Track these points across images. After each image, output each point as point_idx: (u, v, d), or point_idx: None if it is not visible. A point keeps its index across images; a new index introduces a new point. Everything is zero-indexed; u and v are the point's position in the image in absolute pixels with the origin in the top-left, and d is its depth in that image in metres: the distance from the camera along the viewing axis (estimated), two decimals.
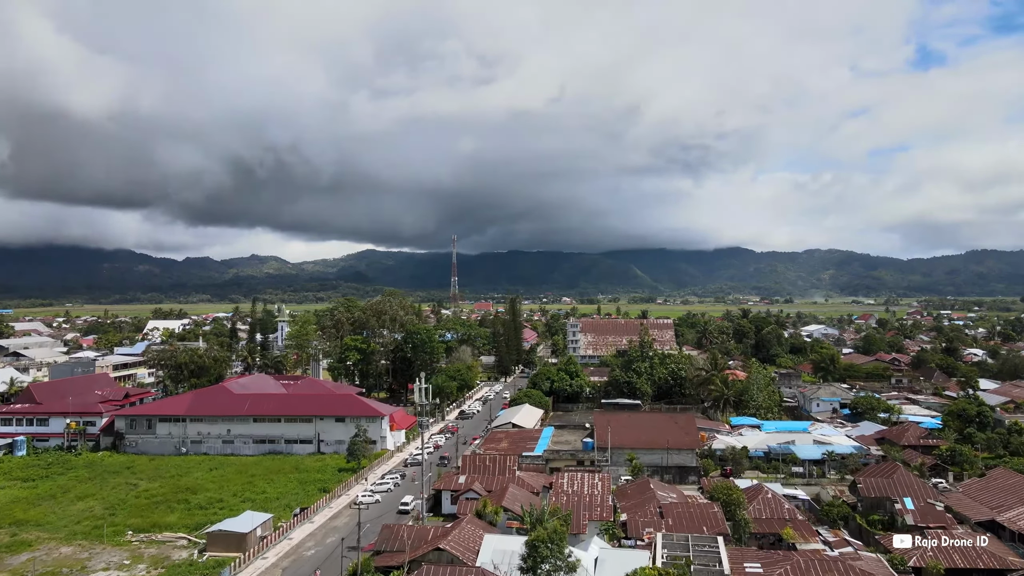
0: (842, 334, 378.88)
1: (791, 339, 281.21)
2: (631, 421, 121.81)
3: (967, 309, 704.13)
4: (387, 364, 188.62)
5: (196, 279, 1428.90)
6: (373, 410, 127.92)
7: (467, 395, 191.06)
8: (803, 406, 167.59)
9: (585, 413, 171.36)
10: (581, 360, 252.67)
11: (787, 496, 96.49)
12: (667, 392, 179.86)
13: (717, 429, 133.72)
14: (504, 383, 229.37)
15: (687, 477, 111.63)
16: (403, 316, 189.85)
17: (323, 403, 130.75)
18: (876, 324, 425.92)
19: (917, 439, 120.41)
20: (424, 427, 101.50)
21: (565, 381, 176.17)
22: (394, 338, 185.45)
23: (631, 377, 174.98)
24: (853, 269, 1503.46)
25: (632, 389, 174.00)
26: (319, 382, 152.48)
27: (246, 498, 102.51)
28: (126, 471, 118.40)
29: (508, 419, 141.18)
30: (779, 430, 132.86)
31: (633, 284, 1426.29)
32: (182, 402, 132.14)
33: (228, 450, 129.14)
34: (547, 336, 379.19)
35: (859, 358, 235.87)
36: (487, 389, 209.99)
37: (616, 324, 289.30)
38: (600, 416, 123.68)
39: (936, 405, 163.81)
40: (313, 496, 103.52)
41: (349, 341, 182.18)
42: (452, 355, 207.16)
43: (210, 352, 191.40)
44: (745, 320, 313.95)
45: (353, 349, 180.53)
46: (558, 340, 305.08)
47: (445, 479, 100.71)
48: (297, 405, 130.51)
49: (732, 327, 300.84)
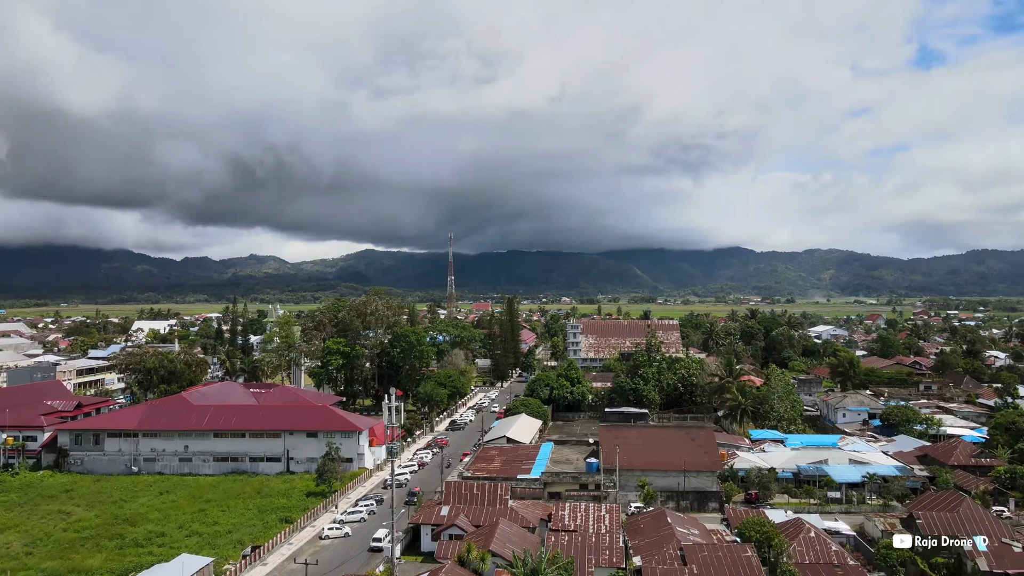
0: (852, 335, 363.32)
1: (802, 341, 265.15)
2: (642, 438, 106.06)
3: (972, 309, 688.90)
4: (373, 369, 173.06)
5: (194, 279, 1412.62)
6: (348, 424, 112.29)
7: (459, 403, 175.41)
8: (826, 416, 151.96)
9: (587, 423, 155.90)
10: (582, 364, 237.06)
11: (828, 531, 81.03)
12: (676, 400, 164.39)
13: (736, 445, 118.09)
14: (500, 388, 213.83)
15: (707, 504, 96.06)
16: (390, 317, 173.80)
17: (292, 416, 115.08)
18: (885, 325, 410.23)
19: (968, 458, 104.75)
20: (394, 454, 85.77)
21: (565, 388, 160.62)
22: (380, 341, 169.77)
23: (637, 384, 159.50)
24: (854, 269, 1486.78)
25: (638, 397, 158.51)
26: (294, 391, 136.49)
27: (193, 532, 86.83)
28: (64, 495, 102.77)
29: (503, 432, 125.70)
30: (806, 445, 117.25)
31: (633, 284, 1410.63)
32: (133, 415, 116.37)
33: (185, 469, 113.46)
34: (546, 337, 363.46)
35: (878, 362, 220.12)
36: (481, 396, 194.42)
37: (618, 325, 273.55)
38: (606, 432, 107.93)
39: (972, 415, 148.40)
40: (272, 528, 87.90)
41: (331, 344, 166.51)
42: (444, 359, 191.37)
43: (182, 356, 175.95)
44: (753, 321, 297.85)
45: (336, 353, 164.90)
46: (557, 342, 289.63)
47: (425, 511, 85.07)
48: (263, 418, 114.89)
49: (739, 328, 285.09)
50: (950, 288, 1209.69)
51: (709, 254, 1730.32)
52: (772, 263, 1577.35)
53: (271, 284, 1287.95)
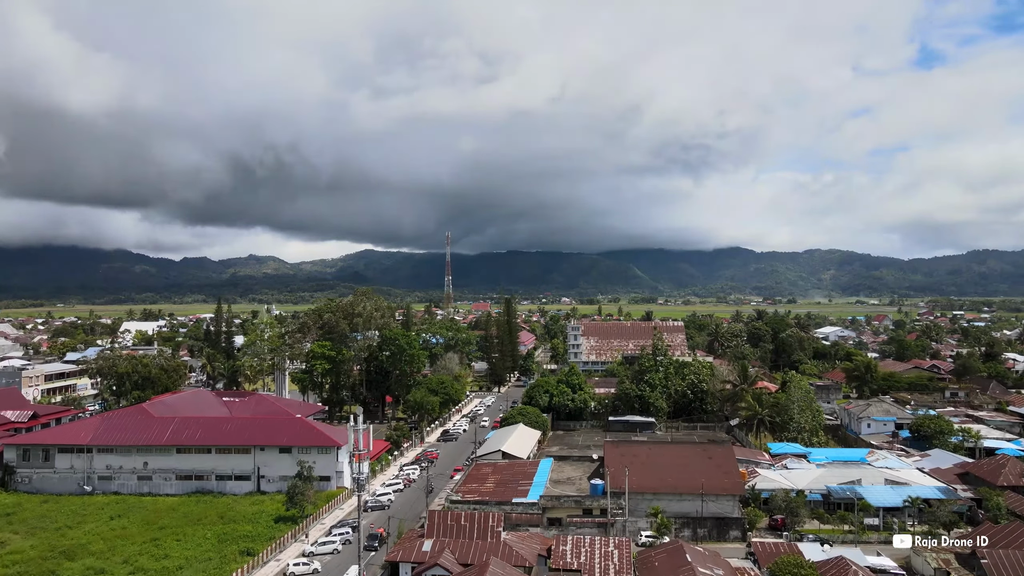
0: (860, 336, 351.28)
1: (812, 343, 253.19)
2: (653, 456, 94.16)
3: (976, 310, 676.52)
4: (361, 374, 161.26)
5: (193, 279, 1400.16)
6: (325, 438, 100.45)
7: (453, 410, 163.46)
8: (848, 426, 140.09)
9: (590, 433, 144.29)
10: (583, 367, 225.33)
11: (873, 569, 69.26)
12: (685, 408, 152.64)
13: (755, 460, 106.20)
14: (497, 393, 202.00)
15: (727, 532, 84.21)
16: (379, 319, 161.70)
17: (264, 429, 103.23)
18: (893, 326, 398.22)
19: (1019, 477, 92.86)
20: (361, 486, 73.70)
21: (566, 395, 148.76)
22: (369, 344, 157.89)
23: (643, 390, 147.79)
24: (854, 269, 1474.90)
25: (645, 404, 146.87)
26: (271, 400, 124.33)
27: (138, 568, 74.98)
28: (3, 519, 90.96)
29: (498, 444, 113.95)
30: (832, 461, 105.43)
31: (633, 284, 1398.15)
32: (87, 428, 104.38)
33: (144, 488, 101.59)
34: (546, 339, 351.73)
35: (894, 365, 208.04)
36: (477, 402, 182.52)
37: (621, 327, 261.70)
38: (613, 449, 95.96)
39: (1005, 425, 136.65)
40: (230, 563, 76.10)
41: (316, 348, 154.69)
42: (437, 363, 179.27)
43: (158, 360, 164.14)
44: (760, 322, 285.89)
45: (320, 358, 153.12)
46: (557, 344, 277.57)
47: (405, 545, 73.23)
48: (232, 432, 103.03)
49: (746, 330, 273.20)
50: (951, 288, 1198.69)
51: (709, 254, 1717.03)
52: (772, 263, 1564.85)
53: (270, 284, 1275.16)
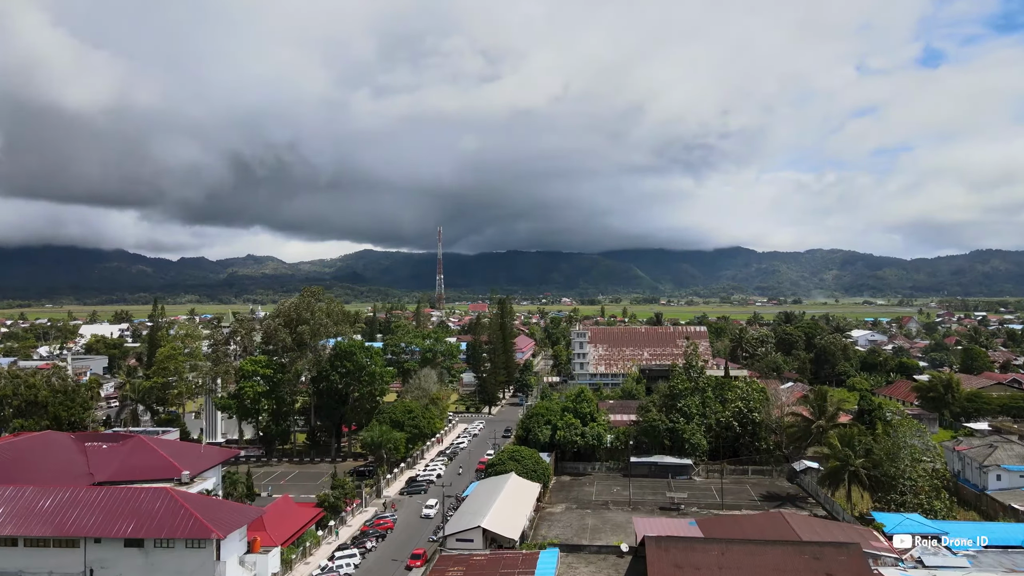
0: (892, 340, 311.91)
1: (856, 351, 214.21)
2: (729, 566, 55.08)
3: (991, 310, 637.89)
4: (309, 397, 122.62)
5: (190, 279, 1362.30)
6: (197, 525, 61.39)
7: (427, 446, 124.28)
8: (960, 475, 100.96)
9: (606, 480, 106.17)
10: (591, 381, 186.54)
11: None
12: (730, 444, 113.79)
13: (873, 551, 67.14)
14: (488, 416, 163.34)
15: None
16: (331, 326, 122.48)
17: (102, 509, 64.40)
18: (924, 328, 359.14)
19: None
20: None
21: (574, 429, 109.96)
22: (319, 359, 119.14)
23: (676, 421, 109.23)
24: (856, 269, 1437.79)
25: (678, 440, 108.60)
26: (151, 446, 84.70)
27: None
28: None
29: (478, 513, 75.36)
30: (992, 547, 66.72)
31: (633, 284, 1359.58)
32: None
33: None
34: (546, 344, 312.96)
35: (969, 380, 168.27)
36: (462, 429, 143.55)
37: (633, 333, 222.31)
38: (660, 555, 56.81)
39: None
40: None
41: (247, 365, 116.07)
42: (410, 382, 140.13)
43: (50, 380, 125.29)
44: (790, 326, 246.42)
45: (254, 378, 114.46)
46: (560, 351, 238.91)
47: None
48: (51, 513, 64.15)
49: (774, 335, 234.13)
50: (956, 288, 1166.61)
51: (710, 254, 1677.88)
52: (773, 263, 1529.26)
53: (266, 284, 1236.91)
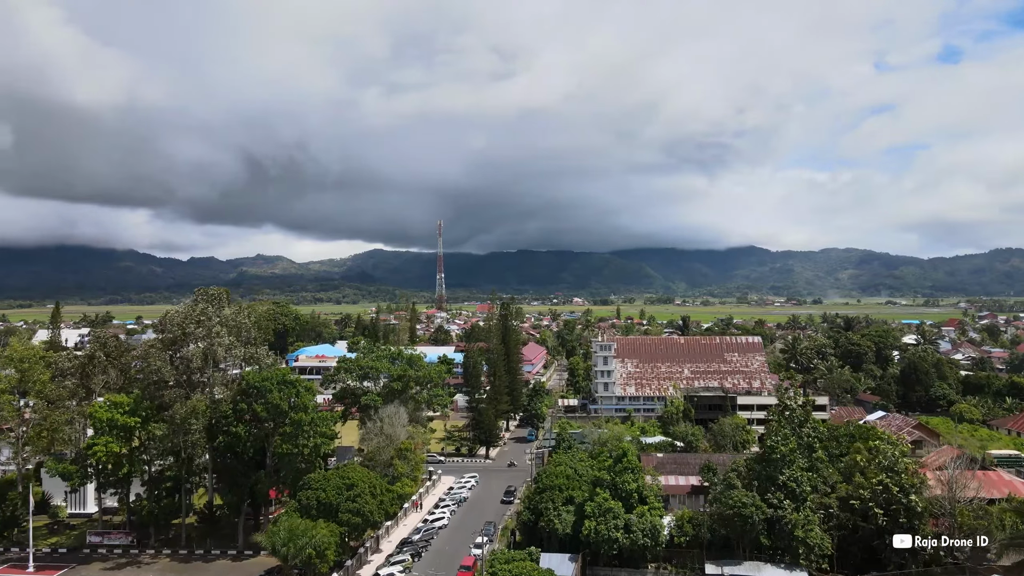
0: (959, 348, 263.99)
1: (954, 369, 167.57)
2: None
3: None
4: (206, 456, 78.60)
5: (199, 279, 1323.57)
6: None
7: (384, 530, 79.56)
8: None
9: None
10: (618, 408, 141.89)
11: None
12: (865, 542, 68.76)
13: None
14: (486, 460, 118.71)
15: None
16: (237, 349, 78.06)
17: None
18: (987, 333, 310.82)
19: None
20: None
21: (613, 518, 65.32)
22: (213, 401, 75.36)
23: (778, 504, 64.52)
24: (873, 268, 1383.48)
25: (783, 536, 63.88)
26: None
27: None
28: None
29: None
30: None
31: (645, 284, 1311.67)
32: None
33: None
34: (559, 352, 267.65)
35: None
36: (444, 490, 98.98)
37: (670, 344, 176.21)
38: None
39: None
40: None
41: (98, 410, 72.48)
42: (368, 426, 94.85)
43: None
44: (853, 334, 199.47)
45: (109, 429, 70.86)
46: (576, 363, 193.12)
47: None
48: None
49: (834, 346, 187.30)
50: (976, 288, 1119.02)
51: (723, 253, 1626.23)
52: (788, 262, 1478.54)
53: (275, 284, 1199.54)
